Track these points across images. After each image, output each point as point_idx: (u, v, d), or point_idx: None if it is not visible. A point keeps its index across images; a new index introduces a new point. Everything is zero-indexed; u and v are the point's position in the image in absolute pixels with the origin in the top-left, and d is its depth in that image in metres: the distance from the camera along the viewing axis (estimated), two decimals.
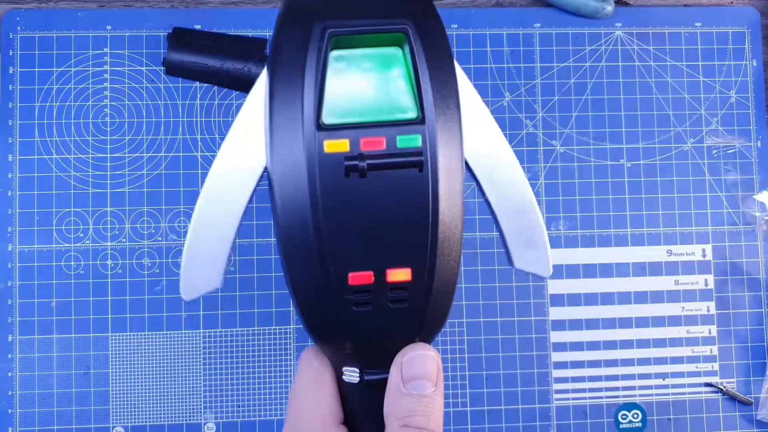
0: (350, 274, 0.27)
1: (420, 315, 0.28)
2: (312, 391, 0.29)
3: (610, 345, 0.50)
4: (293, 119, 0.27)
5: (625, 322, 0.50)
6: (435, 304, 0.28)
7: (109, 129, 0.49)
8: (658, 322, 0.50)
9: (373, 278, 0.27)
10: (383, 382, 0.28)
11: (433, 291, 0.28)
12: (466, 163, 0.30)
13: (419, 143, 0.27)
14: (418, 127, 0.27)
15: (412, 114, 0.28)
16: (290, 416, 0.29)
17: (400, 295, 0.28)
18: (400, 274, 0.27)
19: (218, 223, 0.31)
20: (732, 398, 0.50)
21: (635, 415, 0.49)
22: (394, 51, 0.28)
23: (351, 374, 0.29)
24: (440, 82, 0.28)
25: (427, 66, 0.27)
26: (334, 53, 0.28)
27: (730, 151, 0.51)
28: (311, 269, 0.27)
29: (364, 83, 0.28)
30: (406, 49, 0.28)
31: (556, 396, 0.49)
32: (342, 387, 0.30)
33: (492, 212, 0.31)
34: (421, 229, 0.27)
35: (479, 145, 0.30)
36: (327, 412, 0.29)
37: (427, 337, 0.29)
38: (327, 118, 0.27)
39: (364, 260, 0.27)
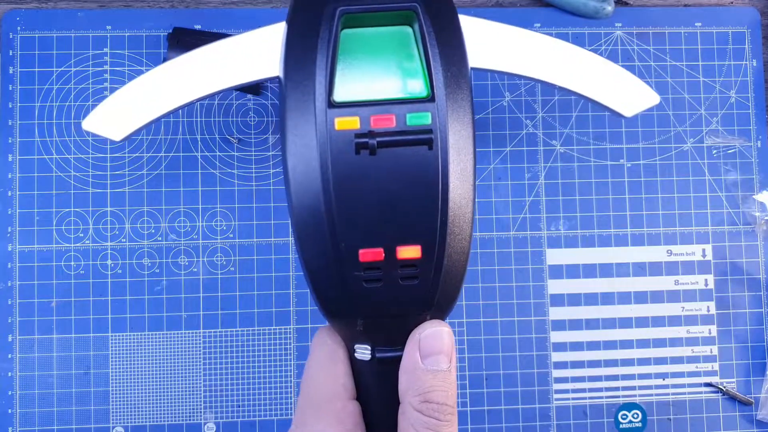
0: (360, 251, 0.27)
1: (430, 292, 0.28)
2: (325, 368, 0.30)
3: (610, 345, 0.50)
4: (306, 98, 0.27)
5: (625, 322, 0.50)
6: (445, 282, 0.28)
7: None
8: (658, 322, 0.50)
9: (383, 255, 0.27)
10: (394, 360, 0.29)
11: (443, 268, 0.28)
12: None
13: (429, 121, 0.27)
14: (428, 105, 0.27)
15: (422, 92, 0.28)
16: (303, 392, 0.29)
17: (410, 272, 0.28)
18: (409, 251, 0.27)
19: (178, 85, 0.32)
20: (732, 398, 0.50)
21: (635, 415, 0.49)
22: (406, 30, 0.29)
23: (363, 351, 0.29)
24: (450, 61, 0.28)
25: (437, 45, 0.28)
26: (346, 32, 0.29)
27: (730, 151, 0.51)
28: (323, 246, 0.28)
29: (375, 61, 0.28)
30: (416, 27, 0.28)
31: (556, 396, 0.49)
32: (354, 364, 0.30)
33: (571, 92, 0.32)
34: (430, 207, 0.27)
35: (518, 52, 0.31)
36: (340, 388, 0.29)
37: (439, 315, 0.29)
38: (338, 96, 0.28)
39: (374, 237, 0.27)
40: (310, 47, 0.28)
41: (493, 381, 0.49)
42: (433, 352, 0.28)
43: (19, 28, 0.49)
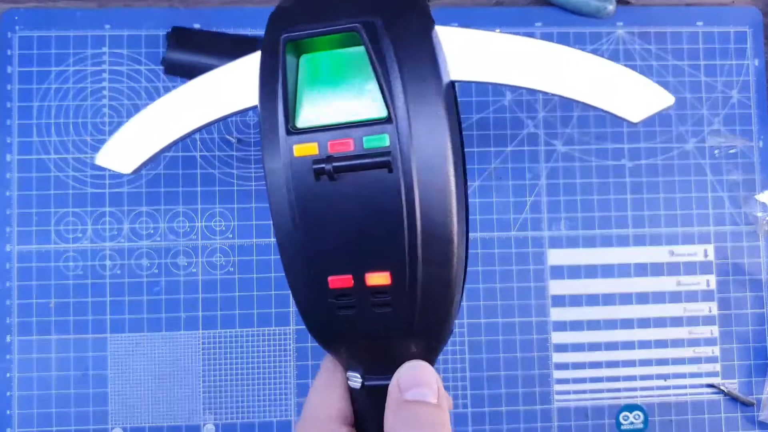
0: (330, 278, 0.27)
1: (407, 319, 0.27)
2: (322, 392, 0.30)
3: (612, 346, 0.49)
4: (273, 125, 0.27)
5: (626, 323, 0.50)
6: (425, 309, 0.27)
7: (107, 129, 0.48)
8: (660, 323, 0.50)
9: (353, 282, 0.27)
10: (382, 389, 0.28)
11: (418, 294, 0.27)
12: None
13: (387, 143, 0.26)
14: (386, 126, 0.26)
15: (380, 113, 0.27)
16: (302, 415, 0.29)
17: (382, 299, 0.27)
18: (378, 278, 0.27)
19: (178, 117, 0.32)
20: (734, 399, 0.49)
21: (636, 416, 0.49)
22: (364, 50, 0.28)
23: (354, 379, 0.29)
24: (416, 77, 0.26)
25: (397, 62, 0.26)
26: (306, 57, 0.28)
27: (731, 151, 0.51)
28: (298, 272, 0.27)
29: (337, 85, 0.28)
30: (365, 48, 0.27)
31: (557, 397, 0.49)
32: (350, 391, 0.29)
33: (571, 100, 0.30)
34: (396, 232, 0.26)
35: (499, 64, 0.29)
36: (335, 413, 0.29)
37: (426, 343, 0.28)
38: (301, 122, 0.27)
39: (342, 264, 0.27)
40: (272, 75, 0.27)
41: (494, 382, 0.48)
42: (413, 384, 0.27)
43: (17, 28, 0.48)
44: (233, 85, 0.31)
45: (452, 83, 0.28)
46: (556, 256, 0.50)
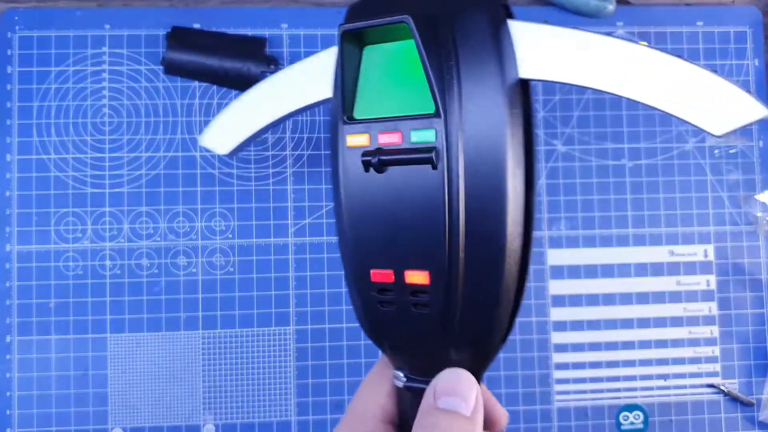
0: (372, 271, 0.27)
1: (446, 323, 0.26)
2: (368, 387, 0.29)
3: (612, 346, 0.49)
4: (335, 116, 0.28)
5: (626, 323, 0.50)
6: (466, 314, 0.26)
7: (107, 129, 0.48)
8: (660, 322, 0.50)
9: (393, 277, 0.26)
10: (423, 392, 0.27)
11: (459, 298, 0.25)
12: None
13: (434, 138, 0.25)
14: (434, 120, 0.25)
15: (430, 108, 0.26)
16: (349, 407, 0.29)
17: (421, 299, 0.26)
18: (417, 277, 0.26)
19: (270, 104, 0.35)
20: (734, 399, 0.49)
21: (636, 416, 0.49)
22: None
23: (398, 378, 0.28)
24: (474, 72, 0.25)
25: (454, 56, 0.26)
26: (370, 48, 0.28)
27: (732, 151, 0.51)
28: (347, 261, 0.28)
29: (395, 77, 0.27)
30: (414, 40, 0.26)
31: (557, 397, 0.49)
32: (396, 390, 0.29)
33: (648, 106, 0.27)
34: (436, 231, 0.25)
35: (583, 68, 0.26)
36: (377, 409, 0.29)
37: (470, 352, 0.27)
38: (358, 113, 0.27)
39: (384, 258, 0.26)
40: (337, 67, 0.28)
41: (494, 382, 0.48)
42: (447, 392, 0.26)
43: (17, 28, 0.48)
44: (318, 76, 0.32)
45: (523, 81, 0.27)
46: (556, 256, 0.50)
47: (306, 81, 0.33)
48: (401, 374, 0.28)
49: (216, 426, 0.47)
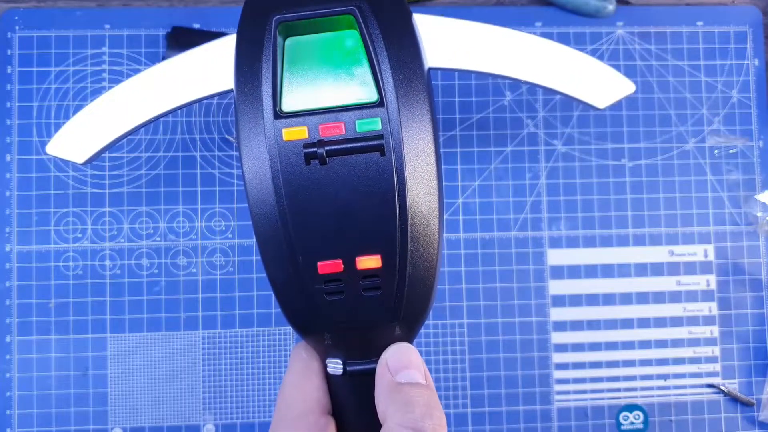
0: (319, 263, 0.27)
1: (395, 302, 0.27)
2: (299, 382, 0.29)
3: (612, 346, 0.49)
4: (255, 109, 0.27)
5: (626, 323, 0.50)
6: (412, 291, 0.27)
7: None
8: (660, 322, 0.50)
9: (343, 266, 0.27)
10: (366, 373, 0.28)
11: (407, 277, 0.27)
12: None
13: (379, 126, 0.26)
14: (378, 110, 0.27)
15: (371, 97, 0.27)
16: (277, 407, 0.29)
17: (372, 282, 0.27)
18: (369, 261, 0.27)
19: (134, 106, 0.32)
20: (734, 399, 0.49)
21: (637, 416, 0.49)
22: (353, 34, 0.28)
23: (335, 366, 0.29)
24: (402, 62, 0.27)
25: (385, 47, 0.27)
26: (292, 40, 0.28)
27: (732, 151, 0.51)
28: (283, 260, 0.27)
29: (324, 69, 0.28)
30: (359, 31, 0.27)
31: (557, 397, 0.49)
32: (329, 379, 0.29)
33: (539, 86, 0.31)
34: (388, 215, 0.27)
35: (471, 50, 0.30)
36: (313, 402, 0.29)
37: (409, 326, 0.28)
38: (286, 106, 0.27)
39: (332, 248, 0.27)
40: (256, 58, 0.27)
41: (494, 382, 0.48)
42: (402, 366, 0.27)
43: (17, 27, 0.48)
44: (201, 70, 0.31)
45: (429, 70, 0.29)
46: (556, 256, 0.50)
47: (189, 75, 0.32)
48: (339, 361, 0.28)
49: (216, 426, 0.47)
